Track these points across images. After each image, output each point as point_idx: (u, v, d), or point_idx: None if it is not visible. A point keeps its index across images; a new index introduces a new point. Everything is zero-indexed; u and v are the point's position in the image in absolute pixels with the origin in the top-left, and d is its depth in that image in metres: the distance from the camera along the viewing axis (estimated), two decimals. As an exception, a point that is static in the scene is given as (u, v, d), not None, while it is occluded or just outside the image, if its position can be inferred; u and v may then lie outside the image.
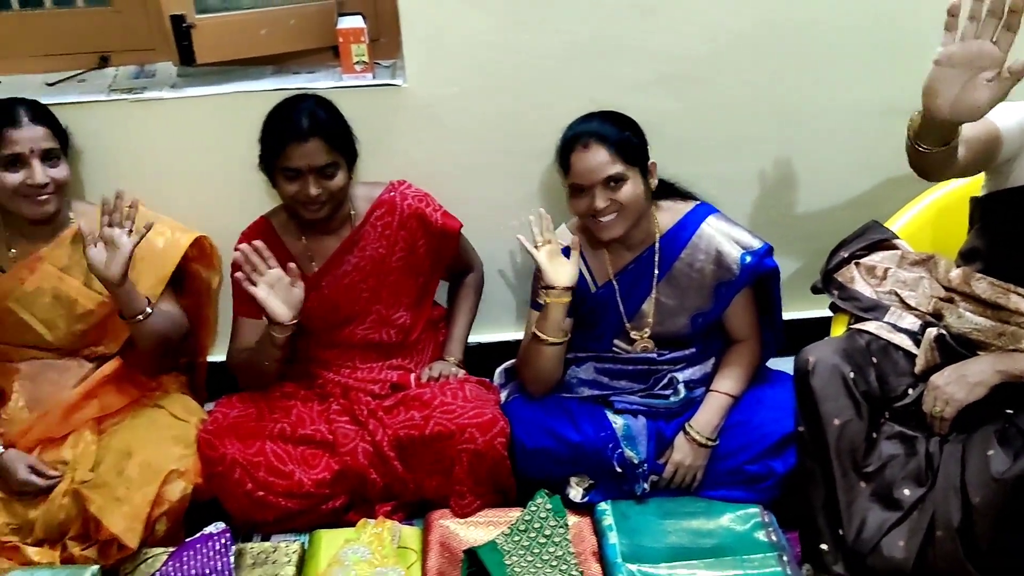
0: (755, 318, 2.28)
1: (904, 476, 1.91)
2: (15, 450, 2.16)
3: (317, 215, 2.21)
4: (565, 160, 2.15)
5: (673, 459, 2.19)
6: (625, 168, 2.11)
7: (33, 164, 2.10)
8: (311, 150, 2.12)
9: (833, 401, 1.95)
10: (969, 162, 1.82)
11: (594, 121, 2.16)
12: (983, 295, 1.95)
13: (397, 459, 2.21)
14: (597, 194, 2.10)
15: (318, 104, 2.19)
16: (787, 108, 2.53)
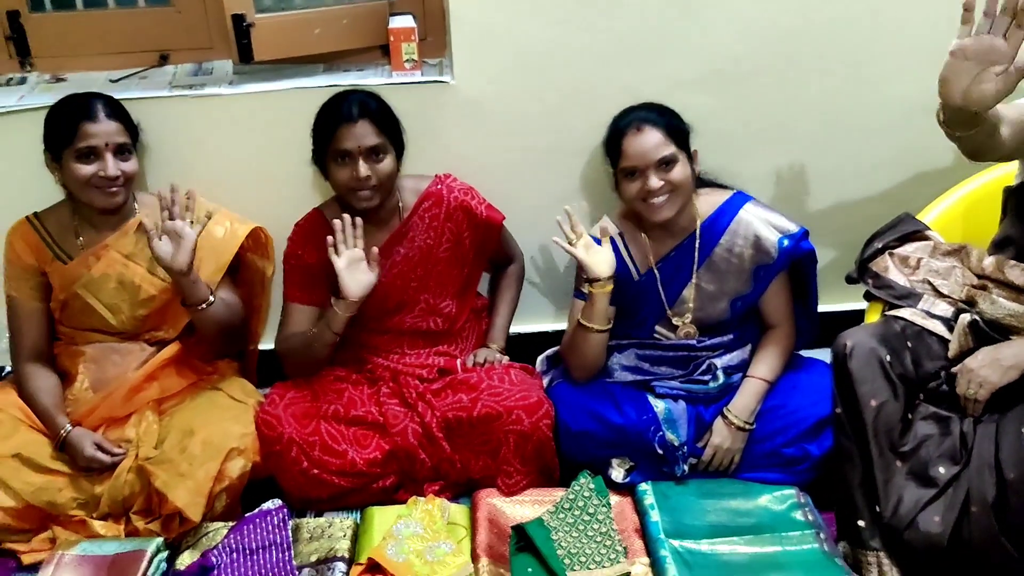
0: (790, 303, 2.36)
1: (939, 455, 1.98)
2: (81, 428, 2.27)
3: (369, 203, 2.29)
4: (616, 146, 2.24)
5: (712, 443, 2.27)
6: (676, 150, 2.21)
7: (106, 157, 2.21)
8: (360, 131, 2.22)
9: (870, 383, 2.02)
10: (1015, 144, 1.91)
11: (642, 110, 2.26)
12: (1017, 281, 2.02)
13: (445, 440, 2.30)
14: (651, 175, 2.19)
15: (367, 95, 2.30)
16: (824, 105, 2.60)
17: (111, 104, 2.25)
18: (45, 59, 2.59)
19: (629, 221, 2.37)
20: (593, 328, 2.27)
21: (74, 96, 2.25)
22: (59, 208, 2.37)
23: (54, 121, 2.23)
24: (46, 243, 2.33)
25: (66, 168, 2.22)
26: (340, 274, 2.23)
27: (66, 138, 2.19)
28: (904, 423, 2.02)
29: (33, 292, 2.35)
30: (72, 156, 2.20)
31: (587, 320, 2.27)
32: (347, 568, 2.09)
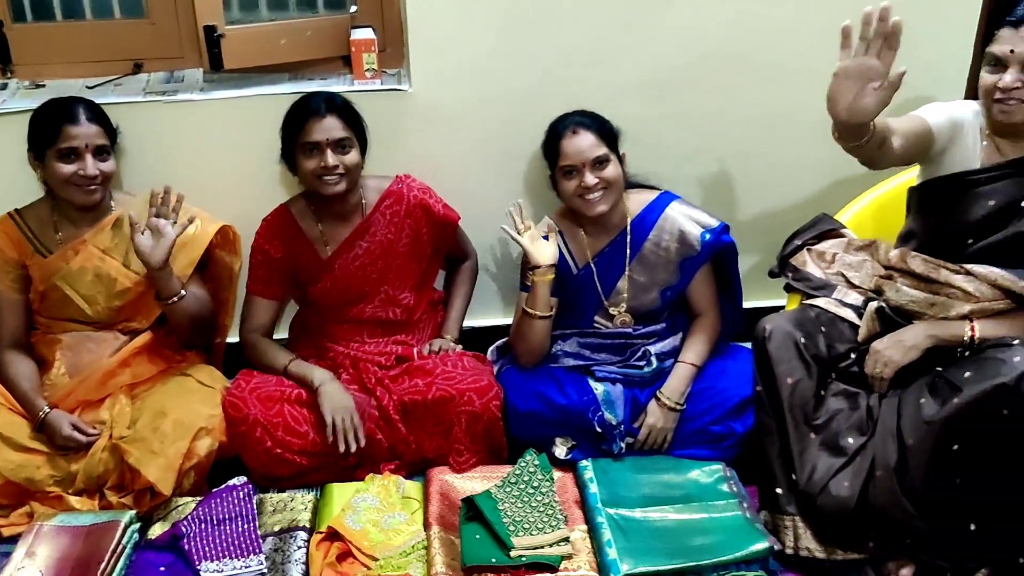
0: (714, 293, 2.58)
1: (848, 427, 2.19)
2: (59, 410, 2.41)
3: (336, 187, 2.45)
4: (554, 148, 2.45)
5: (647, 423, 2.46)
6: (608, 151, 2.43)
7: (86, 158, 2.37)
8: (329, 124, 2.41)
9: (786, 363, 2.23)
10: (906, 151, 2.16)
11: (576, 115, 2.48)
12: (918, 270, 2.23)
13: (401, 422, 2.47)
14: (587, 173, 2.40)
15: (333, 94, 2.49)
16: (751, 114, 2.82)
17: (92, 108, 2.42)
18: (26, 66, 2.75)
19: (567, 220, 2.57)
20: (536, 314, 2.46)
21: (57, 100, 2.42)
22: (39, 204, 2.52)
23: (38, 122, 2.39)
24: (27, 238, 2.48)
25: (48, 167, 2.38)
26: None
27: (49, 139, 2.35)
28: (817, 399, 2.23)
29: (14, 284, 2.50)
30: (55, 156, 2.36)
31: (531, 307, 2.46)
32: (308, 536, 2.25)
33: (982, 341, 2.12)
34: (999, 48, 2.07)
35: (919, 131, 2.19)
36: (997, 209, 2.16)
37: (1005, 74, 2.06)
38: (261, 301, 2.61)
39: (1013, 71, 2.05)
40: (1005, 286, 2.13)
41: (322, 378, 2.48)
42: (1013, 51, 2.04)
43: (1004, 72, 2.06)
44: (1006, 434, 1.96)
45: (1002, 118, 2.10)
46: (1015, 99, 2.05)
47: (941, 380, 2.08)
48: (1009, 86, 2.05)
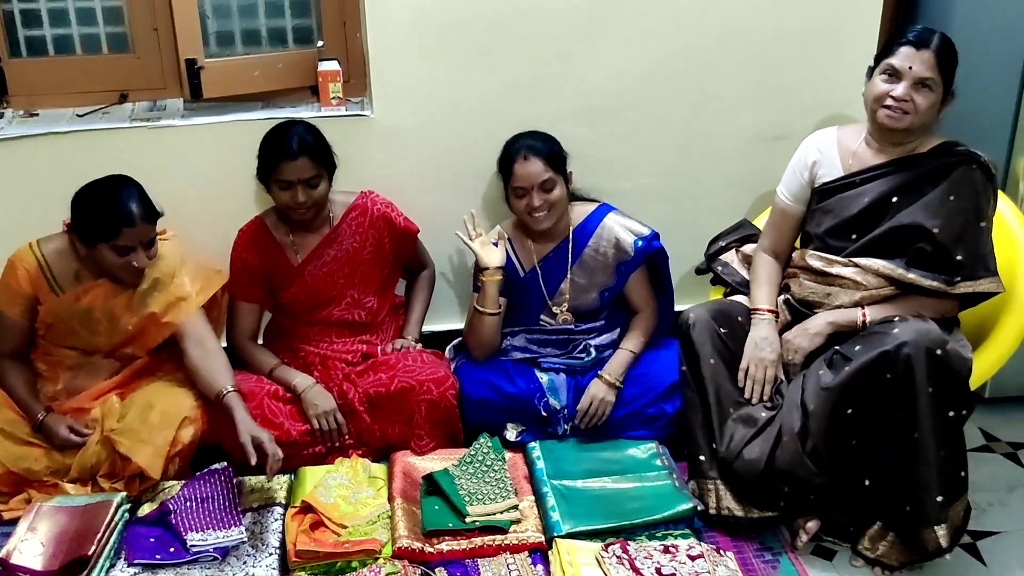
0: (650, 292, 2.90)
1: (762, 403, 2.50)
2: (54, 414, 2.64)
3: (304, 217, 2.76)
4: (508, 168, 2.76)
5: (588, 393, 2.72)
6: (554, 175, 2.74)
7: (139, 251, 2.54)
8: (300, 166, 2.68)
9: (708, 346, 2.54)
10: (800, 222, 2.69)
11: (528, 138, 2.79)
12: (815, 266, 2.56)
13: (367, 413, 2.74)
14: (534, 195, 2.72)
15: (306, 129, 2.75)
16: (680, 134, 3.15)
17: (147, 208, 2.55)
18: (20, 97, 3.02)
19: (517, 229, 2.89)
20: (486, 311, 2.75)
21: (112, 199, 2.50)
22: (63, 246, 2.62)
23: (94, 217, 2.51)
24: (45, 278, 2.61)
25: (101, 253, 2.53)
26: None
27: (105, 235, 2.50)
28: (734, 379, 2.53)
29: (22, 312, 2.64)
30: (109, 249, 2.51)
31: (481, 305, 2.76)
32: (283, 511, 2.51)
33: (872, 323, 2.44)
34: (898, 62, 2.37)
35: (793, 216, 2.68)
36: (872, 204, 2.48)
37: (899, 86, 2.37)
38: (244, 306, 2.88)
39: (906, 84, 2.36)
40: (886, 273, 2.45)
41: (304, 384, 2.75)
42: (911, 68, 2.36)
43: (898, 83, 2.38)
44: (890, 397, 2.27)
45: (887, 123, 2.41)
46: (902, 109, 2.38)
47: (837, 355, 2.39)
48: (901, 96, 2.36)
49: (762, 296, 2.65)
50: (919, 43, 2.37)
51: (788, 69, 3.12)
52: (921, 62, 2.36)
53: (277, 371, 2.80)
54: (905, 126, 2.40)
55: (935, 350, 2.22)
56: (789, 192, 2.67)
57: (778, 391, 2.51)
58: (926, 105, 2.38)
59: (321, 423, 2.70)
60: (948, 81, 2.39)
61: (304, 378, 2.76)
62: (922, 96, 2.37)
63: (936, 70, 2.36)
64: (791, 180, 2.66)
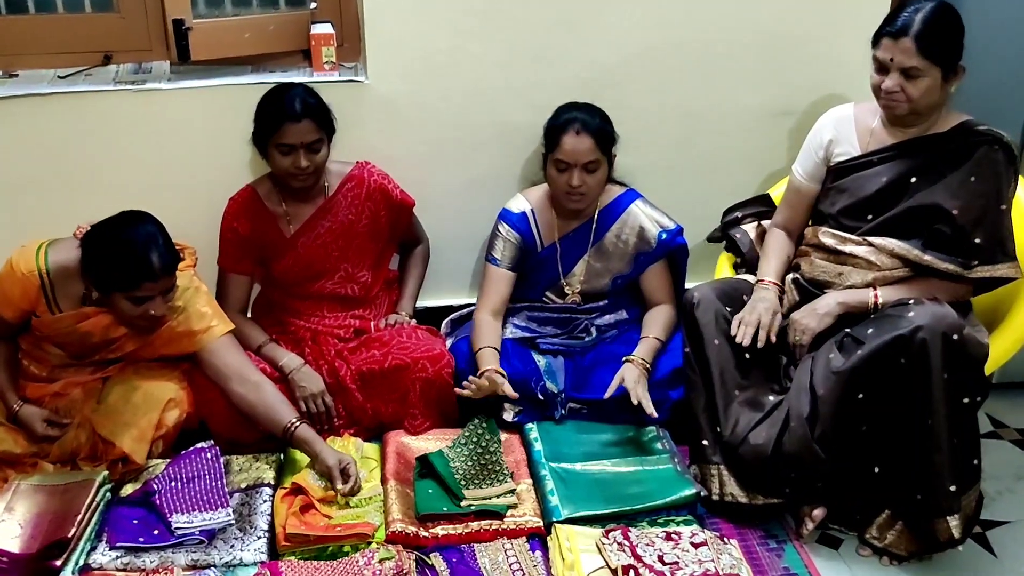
0: (670, 285, 2.82)
1: (768, 386, 2.42)
2: (29, 405, 2.51)
3: (305, 184, 2.66)
4: (555, 137, 2.65)
5: (627, 381, 2.55)
6: (601, 156, 2.64)
7: (157, 300, 2.35)
8: (303, 129, 2.57)
9: (713, 327, 2.45)
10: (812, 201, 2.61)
11: (583, 111, 2.68)
12: (827, 243, 2.47)
13: (359, 391, 2.65)
14: (576, 174, 2.62)
15: (306, 91, 2.64)
16: (686, 110, 3.05)
17: (168, 253, 2.34)
18: (0, 57, 2.88)
19: (542, 199, 2.79)
20: None
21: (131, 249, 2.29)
22: (72, 265, 2.40)
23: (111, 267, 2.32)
24: (45, 296, 2.42)
25: (114, 301, 2.36)
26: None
27: (123, 286, 2.32)
28: (741, 363, 2.45)
29: (16, 316, 2.48)
30: (124, 298, 2.34)
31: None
32: (272, 492, 2.42)
33: (885, 305, 2.36)
34: (881, 55, 2.31)
35: (807, 194, 2.59)
36: (889, 184, 2.41)
37: (887, 79, 2.30)
38: (234, 277, 2.77)
39: (894, 77, 2.29)
40: (901, 255, 2.37)
41: (291, 365, 2.65)
42: (892, 59, 2.28)
43: (887, 75, 2.30)
44: (903, 383, 2.20)
45: (887, 112, 2.37)
46: (895, 100, 2.30)
47: (848, 338, 2.32)
48: (890, 89, 2.30)
49: (769, 269, 2.59)
50: (897, 32, 2.27)
51: (794, 43, 3.02)
52: (901, 52, 2.27)
53: (265, 348, 2.70)
54: (905, 113, 2.34)
55: (951, 335, 2.15)
56: (804, 170, 2.59)
57: (785, 374, 2.43)
58: (919, 92, 2.29)
59: (309, 406, 2.62)
60: (943, 60, 2.27)
61: (292, 358, 2.67)
62: (912, 85, 2.29)
63: (919, 56, 2.25)
64: (806, 158, 2.58)
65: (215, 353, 2.52)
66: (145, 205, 2.48)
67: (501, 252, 2.75)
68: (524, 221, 2.75)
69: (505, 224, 2.76)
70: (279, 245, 2.76)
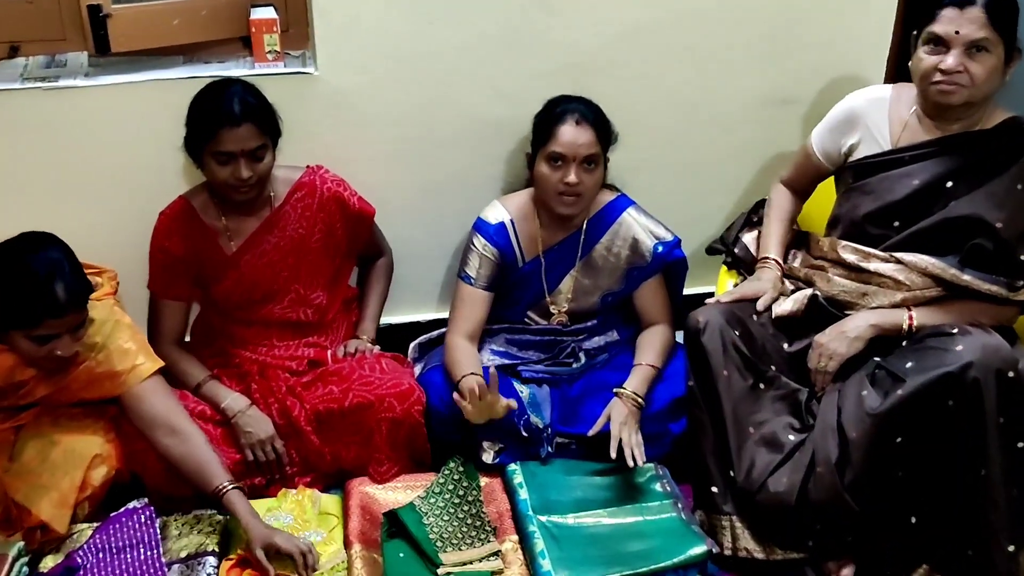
0: (666, 303, 2.50)
1: (787, 423, 2.12)
2: None
3: (247, 196, 2.30)
4: (548, 129, 2.31)
5: (612, 421, 2.25)
6: (600, 152, 2.32)
7: (64, 338, 2.02)
8: (243, 134, 2.21)
9: (721, 357, 2.14)
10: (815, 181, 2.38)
11: (581, 103, 2.35)
12: (848, 259, 2.17)
13: (315, 433, 2.32)
14: (574, 169, 2.28)
15: (246, 89, 2.27)
16: (674, 98, 2.73)
17: (76, 284, 2.00)
18: None
19: (523, 207, 2.45)
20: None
21: (31, 280, 1.95)
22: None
23: (6, 302, 1.97)
24: None
25: (13, 340, 2.02)
26: None
27: (21, 321, 1.98)
28: (755, 393, 2.14)
29: None
30: (22, 337, 1.99)
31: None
32: (217, 562, 2.07)
33: (919, 329, 2.07)
34: (943, 28, 2.01)
35: (817, 168, 2.34)
36: (922, 188, 2.12)
37: (948, 56, 2.00)
38: (167, 304, 2.41)
39: (956, 53, 1.99)
40: (935, 274, 2.08)
41: (235, 407, 2.31)
42: (958, 32, 1.98)
43: (946, 53, 2.00)
44: (950, 426, 1.91)
45: (940, 99, 2.04)
46: (956, 82, 2.00)
47: (882, 371, 2.02)
48: (952, 68, 1.99)
49: (770, 243, 2.39)
50: (965, 2, 1.98)
51: (798, 23, 2.71)
52: (969, 22, 1.98)
53: (205, 387, 2.35)
54: (963, 100, 2.03)
55: (1007, 372, 1.86)
56: (821, 148, 2.31)
57: (807, 409, 2.13)
58: (984, 72, 2.00)
59: (256, 454, 2.28)
60: (1009, 36, 2.01)
61: (235, 399, 2.32)
62: (978, 63, 2.00)
63: (990, 27, 1.98)
64: (826, 137, 2.29)
65: (139, 398, 2.17)
66: (60, 222, 2.13)
67: (476, 269, 2.42)
68: (502, 233, 2.42)
69: (480, 237, 2.42)
70: (219, 265, 2.40)
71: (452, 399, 2.24)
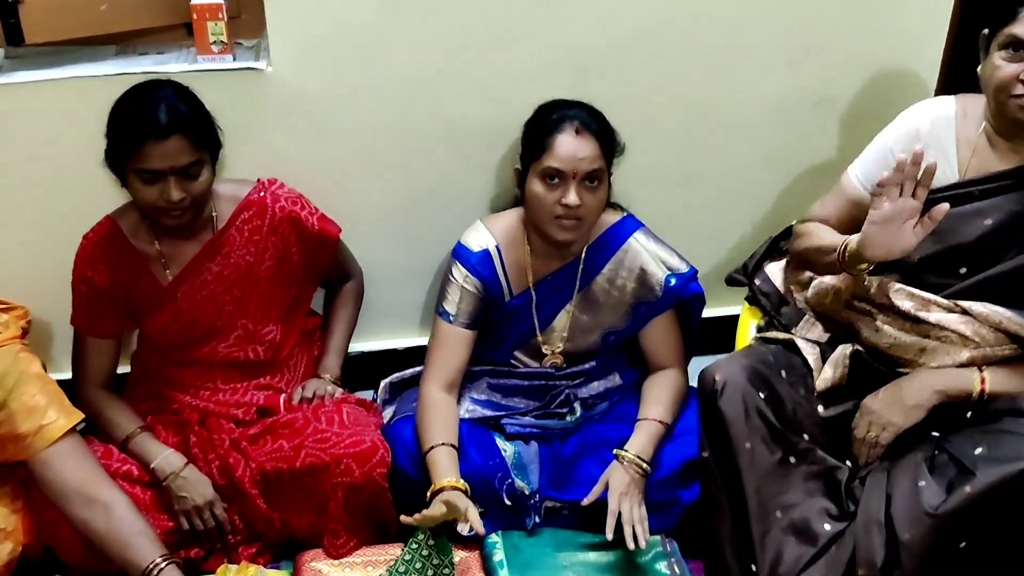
0: (679, 344, 2.14)
1: (822, 508, 1.75)
2: None
3: (180, 220, 1.94)
4: (543, 140, 1.94)
5: (611, 491, 1.92)
6: (604, 167, 1.96)
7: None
8: (173, 149, 1.84)
9: (744, 423, 1.78)
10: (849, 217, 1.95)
11: (583, 110, 1.99)
12: (903, 308, 1.79)
13: (261, 496, 1.98)
14: (573, 188, 1.91)
15: (177, 94, 1.90)
16: (689, 101, 2.36)
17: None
18: None
19: (510, 231, 2.09)
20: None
21: None
22: None
23: None
24: None
25: None
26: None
27: None
28: (783, 469, 1.78)
29: None
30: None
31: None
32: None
33: (991, 397, 1.71)
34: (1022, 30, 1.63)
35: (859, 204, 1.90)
36: (996, 228, 1.75)
37: None
38: (93, 342, 2.07)
39: None
40: (1014, 331, 1.71)
41: (168, 467, 1.96)
42: None
43: None
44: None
45: (1017, 118, 1.66)
46: None
47: (944, 455, 1.66)
48: None
49: None
50: None
51: (830, 14, 2.32)
52: None
53: (134, 441, 2.00)
54: None
55: (1105, 464, 1.50)
56: (866, 176, 1.90)
57: (848, 491, 1.76)
58: None
59: (193, 521, 1.94)
60: None
61: (168, 457, 1.97)
62: None
63: None
64: (876, 163, 1.87)
65: (47, 464, 1.83)
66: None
67: (456, 304, 2.06)
68: (487, 262, 2.06)
69: (461, 267, 2.06)
70: (152, 297, 2.05)
71: (423, 464, 1.91)
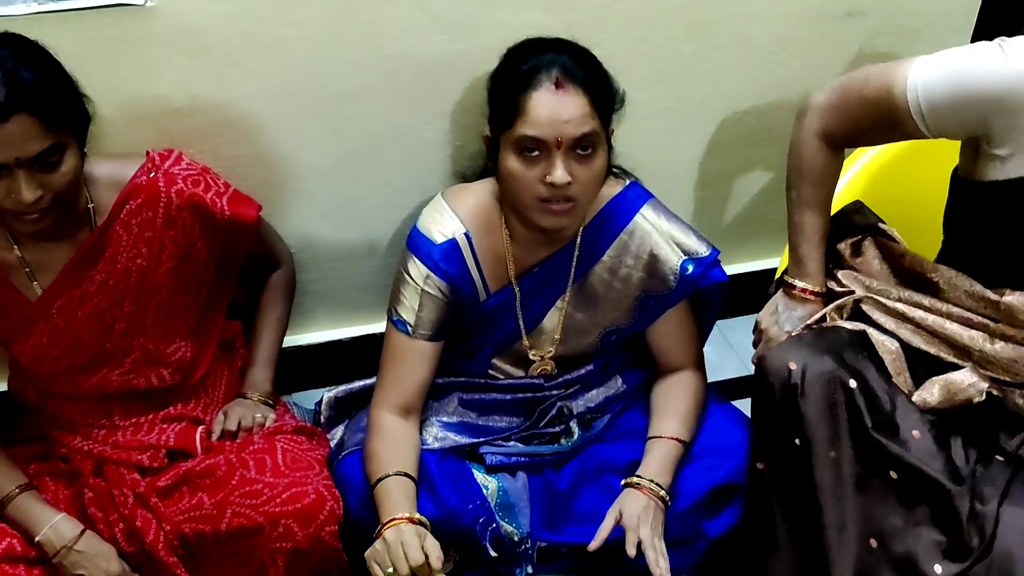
0: (695, 340, 1.73)
1: (934, 541, 1.35)
2: None
3: (40, 225, 1.46)
4: (516, 98, 1.45)
5: (626, 520, 1.53)
6: (599, 130, 1.47)
7: None
8: (16, 135, 1.35)
9: (827, 427, 1.37)
10: None
11: (563, 53, 1.48)
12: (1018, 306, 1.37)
13: (181, 565, 1.56)
14: (559, 161, 1.44)
15: (18, 56, 1.39)
16: (691, 19, 1.89)
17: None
18: None
19: (482, 214, 1.62)
20: None
21: None
22: None
23: None
24: None
25: None
26: None
27: None
28: (877, 487, 1.38)
29: None
30: None
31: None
32: None
33: None
34: None
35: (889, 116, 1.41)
36: None
37: None
38: None
39: None
40: None
41: (58, 539, 1.53)
42: None
43: None
44: None
45: None
46: None
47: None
48: None
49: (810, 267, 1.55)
50: None
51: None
52: None
53: (13, 505, 1.55)
54: None
55: None
56: (929, 99, 1.37)
57: (972, 520, 1.34)
58: None
59: None
60: None
61: (58, 525, 1.53)
62: None
63: None
64: (950, 113, 1.36)
65: None
66: None
67: (414, 312, 1.60)
68: (454, 256, 1.59)
69: (420, 263, 1.60)
70: (17, 316, 1.59)
71: None
